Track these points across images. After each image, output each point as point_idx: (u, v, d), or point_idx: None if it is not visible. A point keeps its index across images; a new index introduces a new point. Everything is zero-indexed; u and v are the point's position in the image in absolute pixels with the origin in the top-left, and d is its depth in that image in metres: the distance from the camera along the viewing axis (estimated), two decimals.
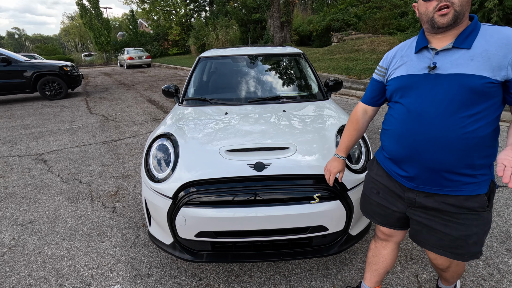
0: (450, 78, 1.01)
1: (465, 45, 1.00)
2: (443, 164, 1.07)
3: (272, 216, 1.51)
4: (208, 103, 2.64)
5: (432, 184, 1.13)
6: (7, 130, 5.57)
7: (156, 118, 6.08)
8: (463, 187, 1.08)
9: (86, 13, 24.93)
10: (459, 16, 0.99)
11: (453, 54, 1.02)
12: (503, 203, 2.59)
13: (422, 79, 1.07)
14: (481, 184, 1.08)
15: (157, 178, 1.73)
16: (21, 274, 1.97)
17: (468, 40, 1.01)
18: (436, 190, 1.13)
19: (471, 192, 1.08)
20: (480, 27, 1.02)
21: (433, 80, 1.05)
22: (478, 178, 1.07)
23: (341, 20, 13.70)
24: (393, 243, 1.44)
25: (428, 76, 1.06)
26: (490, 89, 0.98)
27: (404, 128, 1.12)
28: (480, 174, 1.07)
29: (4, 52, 8.09)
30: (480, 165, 1.06)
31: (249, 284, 1.82)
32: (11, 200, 2.95)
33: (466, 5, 1.00)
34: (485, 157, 1.06)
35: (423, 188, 1.15)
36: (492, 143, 1.06)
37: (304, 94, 2.77)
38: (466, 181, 1.08)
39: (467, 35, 1.01)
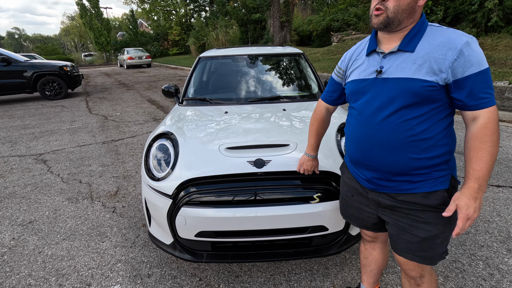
0: (394, 82, 1.01)
1: (409, 48, 1.00)
2: (394, 166, 1.08)
3: (272, 216, 1.51)
4: (208, 103, 2.64)
5: (388, 185, 1.13)
6: (7, 130, 5.57)
7: (156, 118, 6.08)
8: (419, 184, 1.08)
9: (86, 13, 24.94)
10: (391, 22, 0.99)
11: (398, 58, 1.02)
12: (503, 203, 2.59)
13: (371, 83, 1.08)
14: (438, 180, 1.07)
15: (157, 177, 1.73)
16: (21, 274, 1.97)
17: (412, 42, 1.00)
18: (395, 191, 1.12)
19: (428, 188, 1.07)
20: (427, 28, 1.01)
21: (380, 85, 1.05)
22: (434, 174, 1.06)
23: (341, 20, 13.69)
24: (380, 243, 1.44)
25: (376, 80, 1.06)
26: (432, 92, 0.97)
27: (357, 132, 1.14)
28: (435, 171, 1.06)
29: (4, 52, 8.10)
30: (433, 163, 1.05)
31: (249, 284, 1.82)
32: (11, 200, 2.95)
33: (403, 13, 0.98)
34: (439, 156, 1.05)
35: (382, 189, 1.15)
36: (445, 141, 1.05)
37: (304, 94, 2.77)
38: (421, 179, 1.07)
39: (412, 37, 1.01)
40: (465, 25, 8.58)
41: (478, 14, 8.14)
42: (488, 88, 0.96)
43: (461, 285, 1.76)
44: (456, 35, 0.96)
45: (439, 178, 1.07)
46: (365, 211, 1.28)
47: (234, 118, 2.15)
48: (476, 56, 0.93)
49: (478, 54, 0.93)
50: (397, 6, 0.97)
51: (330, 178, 1.60)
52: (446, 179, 1.08)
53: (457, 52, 0.93)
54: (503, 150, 3.73)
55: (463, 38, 0.94)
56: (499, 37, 7.94)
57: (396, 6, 0.97)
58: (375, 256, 1.46)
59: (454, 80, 0.95)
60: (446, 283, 1.77)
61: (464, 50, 0.93)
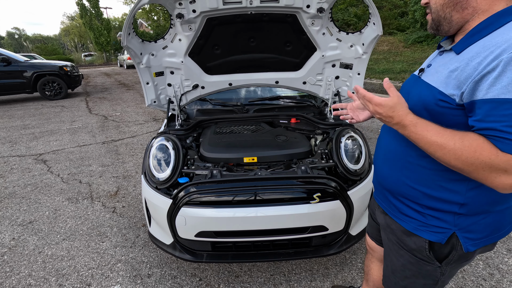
0: (421, 86, 0.84)
1: (457, 49, 0.77)
2: (386, 180, 0.95)
3: (272, 216, 1.51)
4: (208, 103, 2.65)
5: (382, 198, 1.03)
6: (7, 130, 5.57)
7: (156, 118, 6.08)
8: (406, 218, 0.91)
9: (86, 13, 24.91)
10: (439, 24, 0.81)
11: (444, 58, 0.82)
12: None
13: (411, 82, 0.93)
14: (429, 227, 0.86)
15: (157, 178, 1.73)
16: (21, 274, 1.97)
17: (466, 42, 0.75)
18: (384, 208, 1.01)
19: (412, 228, 0.89)
20: (505, 24, 0.70)
21: (413, 86, 0.89)
22: (427, 218, 0.86)
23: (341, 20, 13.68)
24: (376, 259, 1.38)
25: (417, 78, 0.89)
26: (444, 109, 0.75)
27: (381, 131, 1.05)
28: (430, 215, 0.86)
29: (4, 52, 8.10)
30: (429, 205, 0.85)
31: (249, 284, 1.82)
32: (11, 200, 2.95)
33: (445, 9, 0.78)
34: (441, 201, 0.82)
35: (378, 201, 1.07)
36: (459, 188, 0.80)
37: (304, 94, 2.77)
38: (409, 214, 0.90)
39: (470, 35, 0.75)
40: None
41: None
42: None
43: (461, 285, 1.76)
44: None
45: (432, 226, 0.86)
46: (372, 216, 1.26)
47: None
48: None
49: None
50: (434, 3, 0.81)
51: (330, 178, 1.60)
52: (442, 233, 0.85)
53: (494, 60, 0.64)
54: None
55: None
56: None
57: (434, 4, 0.81)
58: (372, 269, 1.43)
59: (471, 101, 0.69)
60: None
61: (507, 59, 0.62)
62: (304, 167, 1.68)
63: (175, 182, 1.68)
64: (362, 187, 1.67)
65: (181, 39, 2.11)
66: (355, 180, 1.71)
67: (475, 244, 0.84)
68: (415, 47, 10.26)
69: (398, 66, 8.64)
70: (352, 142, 1.81)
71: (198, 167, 1.76)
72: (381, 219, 1.05)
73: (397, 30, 11.70)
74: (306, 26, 2.04)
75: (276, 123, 2.39)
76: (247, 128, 2.22)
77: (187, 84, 2.34)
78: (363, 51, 2.09)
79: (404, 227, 0.92)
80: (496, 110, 0.64)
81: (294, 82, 2.40)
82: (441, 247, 0.87)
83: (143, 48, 2.11)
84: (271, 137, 2.03)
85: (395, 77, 7.62)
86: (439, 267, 0.89)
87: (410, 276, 0.95)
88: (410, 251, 0.92)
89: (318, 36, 2.10)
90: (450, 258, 0.88)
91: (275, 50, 2.24)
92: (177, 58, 2.20)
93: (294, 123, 2.35)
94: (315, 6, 1.90)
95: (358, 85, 0.86)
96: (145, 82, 2.23)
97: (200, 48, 2.17)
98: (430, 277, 0.92)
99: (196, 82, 2.34)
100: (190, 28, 2.01)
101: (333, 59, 2.24)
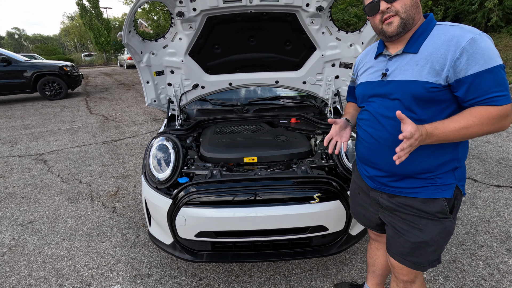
0: (397, 84, 1.01)
1: (413, 49, 0.99)
2: (397, 167, 1.06)
3: (272, 216, 1.51)
4: (208, 103, 2.65)
5: (390, 184, 1.12)
6: (7, 130, 5.57)
7: (156, 118, 6.08)
8: (419, 190, 1.06)
9: (86, 13, 24.89)
10: (407, 22, 0.99)
11: (403, 60, 1.02)
12: (503, 203, 2.59)
13: (377, 85, 1.09)
14: (441, 188, 1.04)
15: (157, 178, 1.73)
16: (21, 274, 1.97)
17: (417, 43, 0.98)
18: (395, 192, 1.12)
19: (429, 195, 1.05)
20: (434, 27, 0.99)
21: (385, 86, 1.06)
22: (437, 181, 1.04)
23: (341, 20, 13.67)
24: (384, 245, 1.43)
25: (381, 82, 1.07)
26: (435, 93, 0.95)
27: (366, 131, 1.15)
28: (439, 177, 1.04)
29: (4, 52, 8.10)
30: (439, 169, 1.03)
31: (249, 284, 1.82)
32: (11, 200, 2.95)
33: (412, 10, 0.98)
34: (445, 163, 1.02)
35: (383, 189, 1.15)
36: (454, 147, 1.02)
37: (304, 94, 2.77)
38: (422, 184, 1.05)
39: (416, 38, 0.99)
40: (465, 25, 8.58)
41: (478, 14, 8.14)
42: (497, 86, 0.89)
43: (461, 285, 1.76)
44: (462, 32, 0.91)
45: (442, 186, 1.04)
46: (369, 210, 1.29)
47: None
48: (483, 53, 0.88)
49: (485, 50, 0.88)
50: (404, 5, 0.97)
51: (330, 178, 1.60)
52: (450, 188, 1.05)
53: (460, 50, 0.89)
54: (503, 150, 3.73)
55: (468, 35, 0.90)
56: (499, 37, 7.95)
57: (404, 6, 0.97)
58: (379, 256, 1.47)
59: (456, 79, 0.92)
60: (446, 283, 1.77)
61: (467, 47, 0.89)
62: (304, 167, 1.68)
63: (175, 182, 1.68)
64: None
65: (181, 38, 2.11)
66: None
67: (464, 187, 1.10)
68: None
69: None
70: (351, 142, 1.81)
71: (198, 167, 1.76)
72: (390, 203, 1.14)
73: None
74: (305, 25, 2.04)
75: (276, 123, 2.39)
76: (247, 128, 2.22)
77: (187, 84, 2.34)
78: (362, 50, 2.09)
79: (422, 197, 1.06)
80: (480, 82, 0.89)
81: (294, 81, 2.40)
82: (450, 201, 1.06)
83: (144, 46, 2.11)
84: (271, 137, 2.03)
85: None
86: (453, 218, 1.08)
87: (437, 239, 1.08)
88: (433, 215, 1.06)
89: (317, 35, 2.10)
90: (456, 207, 1.08)
91: (275, 50, 2.24)
92: (177, 57, 2.20)
93: (294, 123, 2.35)
94: (314, 5, 1.90)
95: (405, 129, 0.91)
96: (145, 81, 2.23)
97: (200, 47, 2.17)
98: (450, 231, 1.09)
99: (196, 82, 2.34)
100: (191, 27, 2.01)
101: (333, 58, 2.24)
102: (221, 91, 2.45)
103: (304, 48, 2.21)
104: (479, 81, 0.89)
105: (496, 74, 0.89)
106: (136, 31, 2.00)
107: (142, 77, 2.21)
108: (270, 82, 2.40)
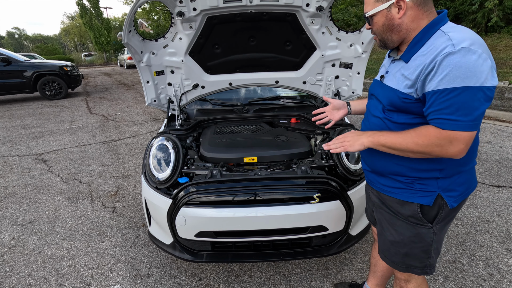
0: (386, 89, 1.05)
1: (405, 58, 0.99)
2: (376, 165, 1.12)
3: (272, 216, 1.51)
4: (208, 103, 2.65)
5: (375, 181, 1.17)
6: (7, 130, 5.57)
7: (156, 118, 6.08)
8: (398, 190, 1.08)
9: (86, 13, 24.89)
10: (384, 43, 1.04)
11: (397, 66, 1.04)
12: (503, 203, 2.59)
13: (378, 85, 1.13)
14: (418, 193, 1.03)
15: (157, 178, 1.73)
16: (21, 274, 1.97)
17: (410, 53, 0.97)
18: (379, 188, 1.16)
19: (405, 197, 1.06)
20: (434, 33, 0.92)
21: (380, 88, 1.09)
22: (415, 186, 1.03)
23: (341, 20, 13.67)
24: None
25: (380, 83, 1.11)
26: (408, 104, 0.96)
27: (362, 126, 1.23)
28: (418, 183, 1.03)
29: (4, 52, 8.10)
30: (416, 175, 1.03)
31: (249, 284, 1.82)
32: (11, 200, 2.95)
33: (385, 33, 1.01)
34: (424, 170, 1.01)
35: (372, 184, 1.21)
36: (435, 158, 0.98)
37: (304, 94, 2.77)
38: (400, 186, 1.07)
39: (412, 46, 0.97)
40: (465, 25, 8.58)
41: (478, 14, 8.14)
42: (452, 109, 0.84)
43: (461, 285, 1.76)
44: (444, 44, 0.85)
45: (420, 191, 1.03)
46: (369, 205, 1.33)
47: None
48: (453, 70, 0.81)
49: (458, 68, 0.81)
50: (376, 31, 1.04)
51: (330, 178, 1.60)
52: (429, 196, 1.02)
53: (433, 64, 0.86)
54: (503, 150, 3.73)
55: (448, 48, 0.83)
56: (499, 37, 7.95)
57: (376, 31, 1.04)
58: (380, 259, 1.46)
59: (422, 93, 0.91)
60: (446, 283, 1.77)
61: (439, 60, 0.84)
62: (304, 167, 1.68)
63: (175, 182, 1.68)
64: (362, 187, 1.67)
65: (181, 38, 2.11)
66: (355, 180, 1.71)
67: (456, 200, 1.03)
68: None
69: None
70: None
71: (198, 167, 1.76)
72: (375, 198, 1.20)
73: None
74: (305, 25, 2.04)
75: (276, 123, 2.39)
76: (247, 128, 2.22)
77: (187, 84, 2.34)
78: (362, 50, 2.09)
79: (397, 198, 1.08)
80: (436, 100, 0.86)
81: (294, 81, 2.40)
82: (430, 210, 1.04)
83: (144, 46, 2.11)
84: (271, 137, 2.03)
85: None
86: (431, 227, 1.06)
87: (408, 242, 1.09)
88: (406, 218, 1.07)
89: (317, 35, 2.10)
90: (438, 217, 1.05)
91: (275, 50, 2.24)
92: (177, 57, 2.20)
93: (294, 123, 2.35)
94: (314, 5, 1.90)
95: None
96: (145, 81, 2.23)
97: (200, 47, 2.17)
98: (425, 239, 1.07)
99: (196, 82, 2.34)
100: (191, 26, 2.02)
101: (333, 58, 2.24)
102: (221, 91, 2.45)
103: (304, 48, 2.21)
104: (435, 98, 0.86)
105: (460, 95, 0.82)
106: (136, 30, 2.00)
107: (142, 77, 2.20)
108: (270, 82, 2.40)
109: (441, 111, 0.86)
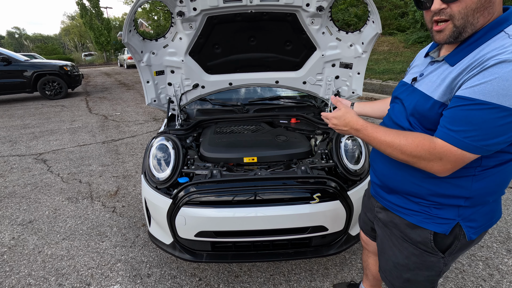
0: (417, 95, 0.88)
1: (451, 61, 0.81)
2: (390, 180, 0.98)
3: (272, 216, 1.51)
4: (208, 103, 2.65)
5: (384, 196, 1.04)
6: (7, 129, 5.57)
7: (156, 118, 6.08)
8: (410, 212, 0.94)
9: (86, 13, 24.88)
10: (462, 31, 0.77)
11: (438, 68, 0.85)
12: (503, 203, 2.59)
13: (405, 89, 0.96)
14: (434, 219, 0.89)
15: (157, 177, 1.73)
16: (21, 274, 1.97)
17: (460, 54, 0.79)
18: (386, 205, 1.04)
19: (417, 222, 0.92)
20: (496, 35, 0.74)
21: (408, 93, 0.93)
22: (432, 210, 0.90)
23: (341, 20, 13.68)
24: (372, 253, 1.41)
25: (410, 87, 0.94)
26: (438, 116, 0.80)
27: None
28: (436, 208, 0.89)
29: (4, 52, 8.09)
30: (435, 200, 0.88)
31: (249, 284, 1.82)
32: (11, 200, 2.95)
33: (475, 14, 0.74)
34: (446, 196, 0.86)
35: (377, 198, 1.09)
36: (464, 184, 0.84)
37: (304, 94, 2.77)
38: (414, 208, 0.93)
39: (464, 47, 0.79)
40: None
41: None
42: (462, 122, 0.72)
43: (461, 285, 1.76)
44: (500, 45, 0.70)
45: (436, 217, 0.89)
46: (367, 214, 1.28)
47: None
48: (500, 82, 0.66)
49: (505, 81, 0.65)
50: (464, 8, 0.74)
51: (330, 178, 1.60)
52: (446, 224, 0.88)
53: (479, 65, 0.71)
54: None
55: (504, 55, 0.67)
56: None
57: (464, 9, 0.74)
58: (369, 264, 1.46)
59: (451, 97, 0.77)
60: (446, 283, 1.77)
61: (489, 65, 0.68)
62: (304, 167, 1.68)
63: (175, 182, 1.68)
64: (362, 188, 1.67)
65: (181, 38, 2.11)
66: (355, 181, 1.70)
67: (476, 232, 0.89)
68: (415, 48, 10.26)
69: (398, 66, 8.64)
70: (352, 142, 1.81)
71: (198, 167, 1.76)
72: (382, 215, 1.07)
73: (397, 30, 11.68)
74: (305, 25, 2.04)
75: (276, 123, 2.39)
76: (247, 128, 2.22)
77: (187, 84, 2.34)
78: (362, 50, 2.09)
79: (408, 220, 0.95)
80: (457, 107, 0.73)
81: (294, 82, 2.40)
82: (444, 238, 0.90)
83: (144, 46, 2.11)
84: (271, 137, 2.03)
85: (395, 78, 7.61)
86: (442, 257, 0.92)
87: (413, 268, 0.97)
88: (415, 243, 0.94)
89: (317, 35, 2.10)
90: (453, 248, 0.91)
91: (275, 50, 2.24)
92: (177, 57, 2.20)
93: (294, 123, 2.35)
94: (314, 5, 1.90)
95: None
96: (145, 80, 2.23)
97: (200, 47, 2.17)
98: (433, 269, 0.95)
99: (197, 82, 2.34)
100: (191, 26, 2.02)
101: (333, 58, 2.24)
102: (221, 91, 2.45)
103: (304, 48, 2.21)
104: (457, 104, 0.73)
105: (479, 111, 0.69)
106: (136, 30, 2.00)
107: (142, 77, 2.20)
108: (270, 82, 2.40)
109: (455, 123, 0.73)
